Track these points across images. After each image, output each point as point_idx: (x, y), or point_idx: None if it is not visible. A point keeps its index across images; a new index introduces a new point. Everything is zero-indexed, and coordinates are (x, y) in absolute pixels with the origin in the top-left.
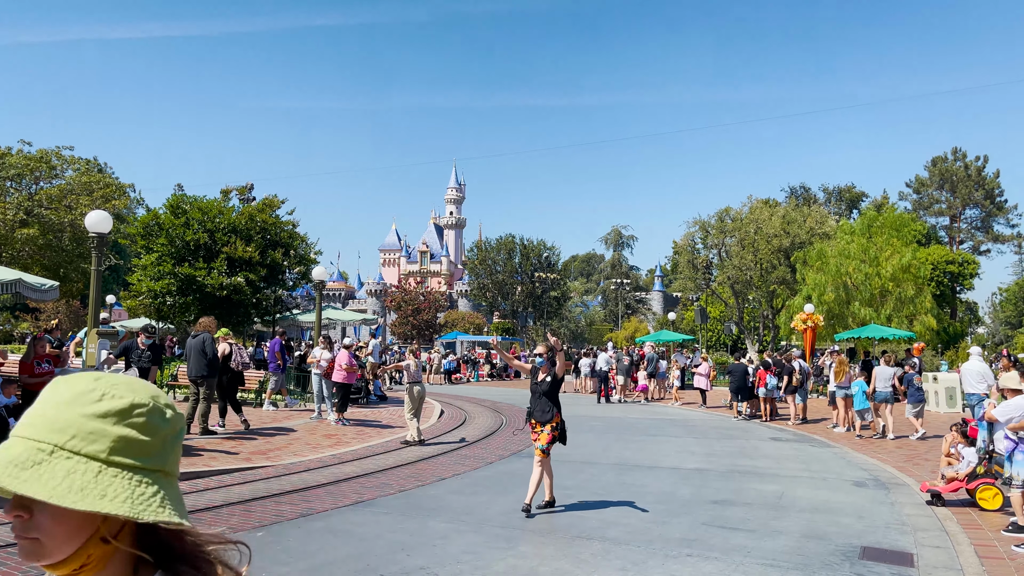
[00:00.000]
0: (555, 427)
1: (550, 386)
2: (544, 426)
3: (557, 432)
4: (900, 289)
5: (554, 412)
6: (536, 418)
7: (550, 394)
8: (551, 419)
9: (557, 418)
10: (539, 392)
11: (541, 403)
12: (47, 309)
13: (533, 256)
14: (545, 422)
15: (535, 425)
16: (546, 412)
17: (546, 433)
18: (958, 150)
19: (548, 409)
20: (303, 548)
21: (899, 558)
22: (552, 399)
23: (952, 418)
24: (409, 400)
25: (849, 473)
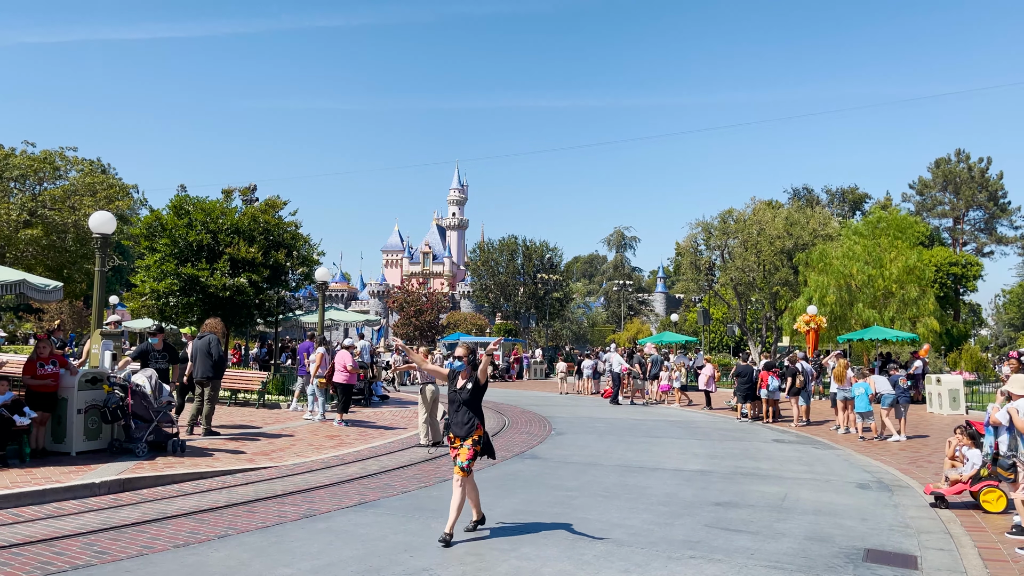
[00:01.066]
0: (477, 441)
1: (471, 394)
2: (464, 440)
3: (480, 447)
4: (903, 291)
5: (476, 424)
6: (455, 431)
7: (471, 403)
8: (472, 432)
9: (479, 431)
10: (458, 401)
11: (461, 414)
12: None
13: (535, 257)
14: (465, 436)
15: (453, 439)
16: (466, 424)
17: (467, 448)
18: (961, 152)
19: (469, 420)
20: (306, 549)
21: (903, 560)
22: (474, 409)
23: (955, 420)
24: (422, 402)
25: (852, 475)
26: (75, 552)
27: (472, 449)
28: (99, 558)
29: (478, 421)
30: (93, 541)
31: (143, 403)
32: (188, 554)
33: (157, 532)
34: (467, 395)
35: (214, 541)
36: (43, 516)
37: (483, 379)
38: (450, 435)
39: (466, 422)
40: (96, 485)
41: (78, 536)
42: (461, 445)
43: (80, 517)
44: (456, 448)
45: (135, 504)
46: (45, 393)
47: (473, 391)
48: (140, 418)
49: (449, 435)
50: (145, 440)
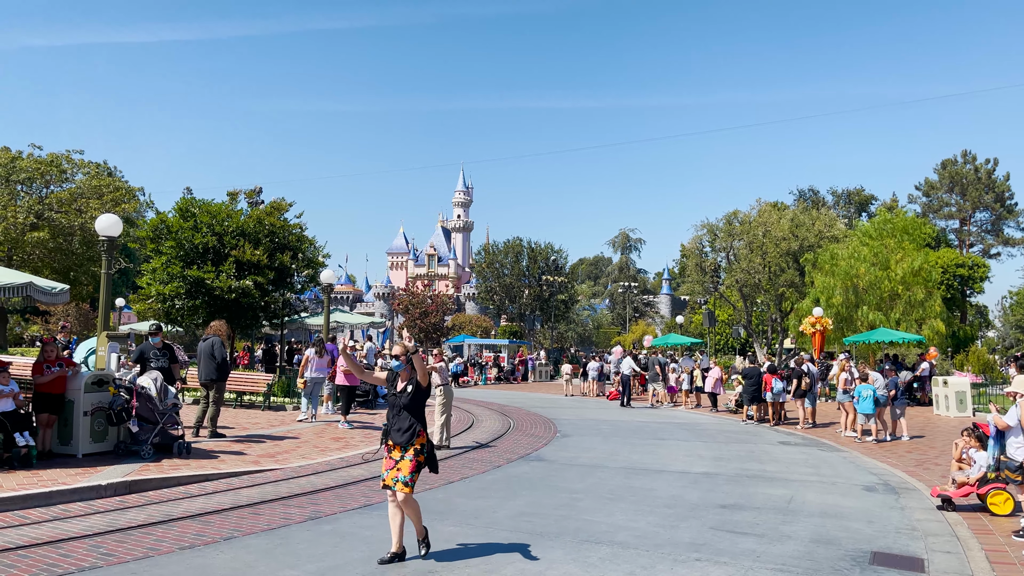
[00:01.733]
0: (419, 450)
1: (411, 397)
2: (405, 450)
3: (423, 456)
4: (910, 293)
5: (417, 430)
6: (393, 438)
7: (412, 407)
8: (414, 439)
9: (422, 438)
10: (398, 405)
11: (400, 419)
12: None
13: (540, 259)
14: (406, 443)
15: (392, 448)
16: (406, 431)
17: (408, 460)
18: (968, 153)
19: (410, 426)
20: (311, 551)
21: (909, 563)
22: (415, 413)
23: (962, 422)
24: (437, 403)
25: (859, 478)
26: (81, 554)
27: (414, 460)
28: (105, 560)
29: (420, 427)
30: (99, 543)
31: (148, 405)
32: (194, 556)
33: (163, 534)
34: (407, 399)
35: (219, 543)
36: (50, 518)
37: (424, 382)
38: (388, 442)
39: (406, 428)
40: (102, 487)
41: (84, 538)
42: (402, 456)
43: (86, 519)
44: (394, 459)
45: (141, 506)
46: (52, 395)
47: (414, 394)
48: (145, 420)
49: (387, 442)
50: (151, 442)
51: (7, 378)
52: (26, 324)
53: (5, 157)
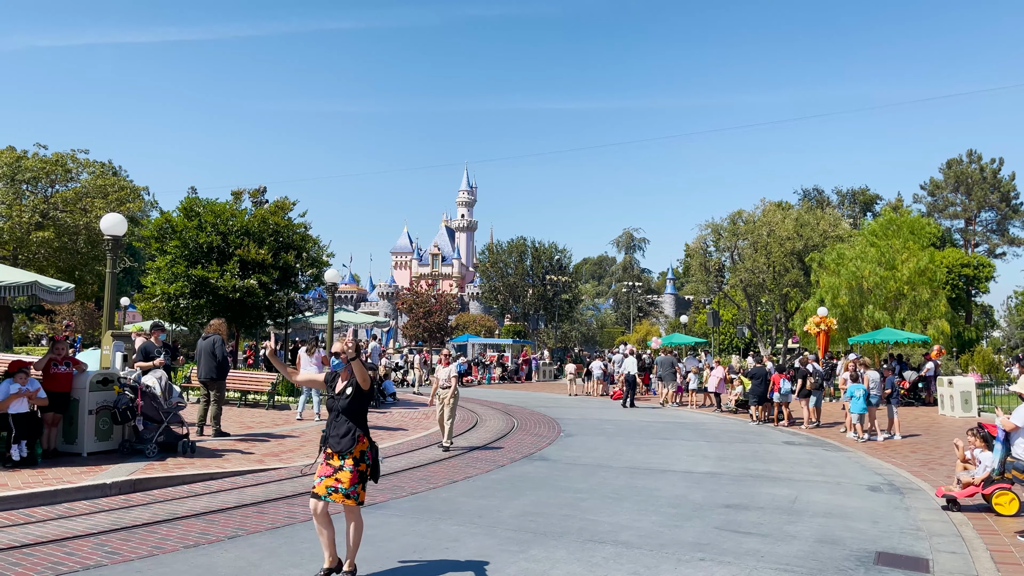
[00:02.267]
0: (360, 458)
1: (351, 400)
2: (344, 457)
3: (365, 466)
4: (915, 293)
5: (357, 435)
6: (332, 445)
7: (352, 411)
8: (353, 446)
9: (363, 444)
10: (336, 408)
11: (339, 424)
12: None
13: (544, 259)
14: (345, 450)
15: (331, 456)
16: (344, 436)
17: (347, 471)
18: (973, 152)
19: (348, 432)
20: (315, 550)
21: (914, 564)
22: (354, 418)
23: (967, 423)
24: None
25: (863, 478)
26: (86, 552)
27: (355, 471)
28: (110, 558)
29: (360, 432)
30: (104, 541)
31: (153, 404)
32: (198, 555)
33: (168, 533)
34: (346, 401)
35: (224, 542)
36: (55, 516)
37: (365, 385)
38: (326, 449)
39: (345, 434)
40: (107, 486)
41: (89, 536)
42: (341, 464)
43: (91, 517)
44: (333, 467)
45: (146, 505)
46: (58, 393)
47: (355, 396)
48: (150, 419)
49: (325, 449)
50: (155, 441)
51: (26, 377)
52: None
53: (10, 156)
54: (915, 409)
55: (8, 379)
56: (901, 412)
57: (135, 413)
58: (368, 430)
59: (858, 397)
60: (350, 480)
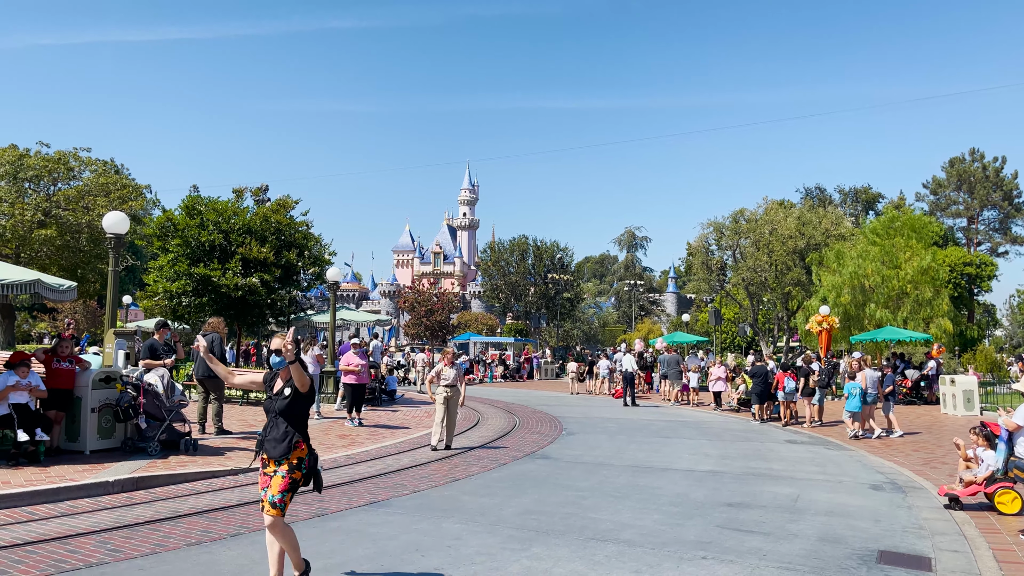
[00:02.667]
0: (297, 465)
1: (289, 401)
2: (279, 463)
3: (301, 473)
4: (918, 291)
5: (295, 441)
6: (268, 451)
7: (291, 413)
8: (290, 451)
9: (301, 450)
10: (274, 410)
11: (276, 427)
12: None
13: (546, 257)
14: (280, 456)
15: (267, 462)
16: (282, 441)
17: (280, 476)
18: (976, 151)
19: (286, 436)
20: (317, 548)
21: (917, 562)
22: (293, 421)
23: (970, 421)
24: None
25: (865, 476)
26: (89, 550)
27: (288, 477)
28: (112, 556)
29: (298, 438)
30: (107, 539)
31: (155, 402)
32: (200, 552)
33: (170, 530)
34: (284, 403)
35: (226, 540)
36: (57, 514)
37: (304, 388)
38: (262, 456)
39: (282, 438)
40: (110, 483)
41: (92, 534)
42: (276, 470)
43: (94, 515)
44: (267, 474)
45: (148, 502)
46: (61, 391)
47: (294, 398)
48: (152, 417)
49: (262, 455)
50: (158, 439)
51: (27, 370)
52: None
53: (13, 155)
54: (917, 408)
55: (8, 371)
56: (903, 411)
57: (137, 411)
58: (308, 436)
59: (854, 395)
60: (280, 487)
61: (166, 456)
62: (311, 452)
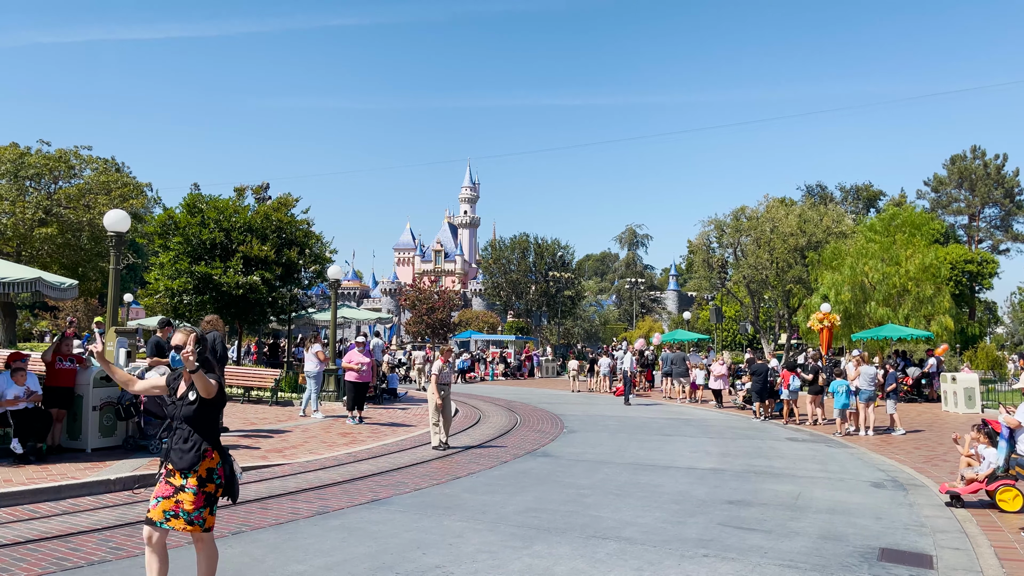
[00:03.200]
0: (208, 477)
1: (196, 407)
2: (187, 476)
3: (215, 486)
4: (919, 289)
5: (203, 449)
6: (173, 461)
7: (198, 419)
8: (199, 461)
9: (211, 459)
10: (179, 416)
11: (182, 435)
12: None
13: (547, 255)
14: (188, 466)
15: (172, 473)
16: (188, 450)
17: (190, 492)
18: (977, 148)
19: (193, 445)
20: (319, 546)
21: (918, 560)
22: (202, 428)
23: (971, 419)
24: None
25: (866, 474)
26: (91, 548)
27: (200, 493)
28: (114, 554)
29: (207, 446)
30: (108, 537)
31: (156, 400)
32: None
33: None
34: (190, 408)
35: (228, 538)
36: (59, 512)
37: (208, 395)
38: (167, 465)
39: (188, 447)
40: (111, 481)
41: (94, 532)
42: (183, 485)
43: (95, 513)
44: (172, 484)
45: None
46: (62, 389)
47: (200, 403)
48: (153, 415)
49: (166, 464)
50: (159, 437)
51: (23, 376)
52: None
53: (13, 153)
54: (918, 405)
55: (6, 374)
56: (904, 408)
57: (139, 409)
58: (219, 442)
59: (840, 393)
60: (194, 503)
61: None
62: (225, 459)
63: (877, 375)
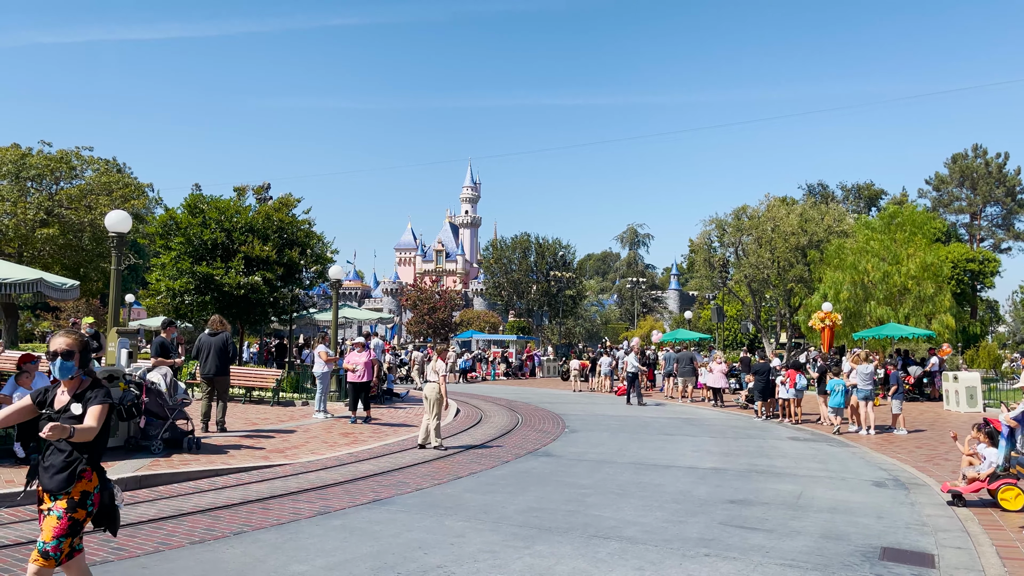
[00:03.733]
0: (79, 501)
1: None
2: (56, 498)
3: (84, 512)
4: (920, 288)
5: (80, 469)
6: (43, 482)
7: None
8: (71, 483)
9: (88, 481)
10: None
11: (57, 452)
12: (68, 308)
13: (548, 255)
14: (59, 488)
15: (42, 496)
16: (62, 470)
17: (55, 517)
18: (979, 147)
19: (69, 464)
20: (320, 546)
21: (919, 559)
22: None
23: (973, 418)
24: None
25: (868, 473)
26: (91, 548)
27: (67, 518)
28: (116, 554)
29: (86, 465)
30: (109, 537)
31: (158, 400)
32: (204, 550)
33: (173, 528)
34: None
35: (229, 538)
36: None
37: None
38: (36, 486)
39: (63, 466)
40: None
41: (94, 532)
42: (51, 507)
43: None
44: (43, 510)
45: (152, 501)
46: None
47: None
48: (155, 416)
49: (36, 485)
50: (160, 437)
51: (29, 380)
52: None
53: (15, 154)
54: (920, 404)
55: (12, 379)
56: (906, 407)
57: (140, 410)
58: (100, 464)
59: (837, 392)
60: (55, 532)
61: (169, 455)
62: (104, 484)
63: (874, 373)
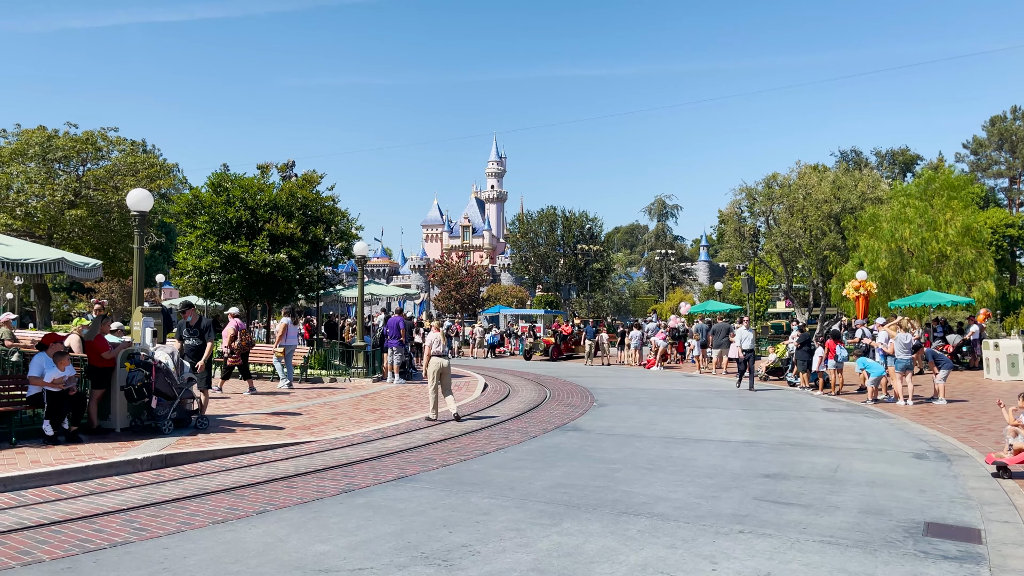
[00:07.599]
0: None
1: None
2: None
3: None
4: (959, 254)
5: None
6: None
7: None
8: None
9: None
10: None
11: None
12: (102, 289)
13: (575, 228)
14: None
15: None
16: None
17: None
18: (1018, 109)
19: None
20: (343, 525)
21: (965, 534)
22: None
23: (1015, 387)
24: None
25: (907, 445)
26: (114, 529)
27: None
28: (138, 535)
29: None
30: (133, 518)
31: (167, 380)
32: (226, 530)
33: (196, 508)
34: None
35: (252, 517)
36: (85, 493)
37: None
38: None
39: None
40: (139, 461)
41: (118, 513)
42: None
43: (122, 493)
44: None
45: (176, 480)
46: (105, 369)
47: None
48: (163, 395)
49: None
50: (168, 417)
51: (66, 362)
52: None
53: (41, 136)
54: (960, 373)
55: (43, 355)
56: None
57: (151, 390)
58: None
59: (877, 361)
60: None
61: (180, 434)
62: None
63: (911, 343)
